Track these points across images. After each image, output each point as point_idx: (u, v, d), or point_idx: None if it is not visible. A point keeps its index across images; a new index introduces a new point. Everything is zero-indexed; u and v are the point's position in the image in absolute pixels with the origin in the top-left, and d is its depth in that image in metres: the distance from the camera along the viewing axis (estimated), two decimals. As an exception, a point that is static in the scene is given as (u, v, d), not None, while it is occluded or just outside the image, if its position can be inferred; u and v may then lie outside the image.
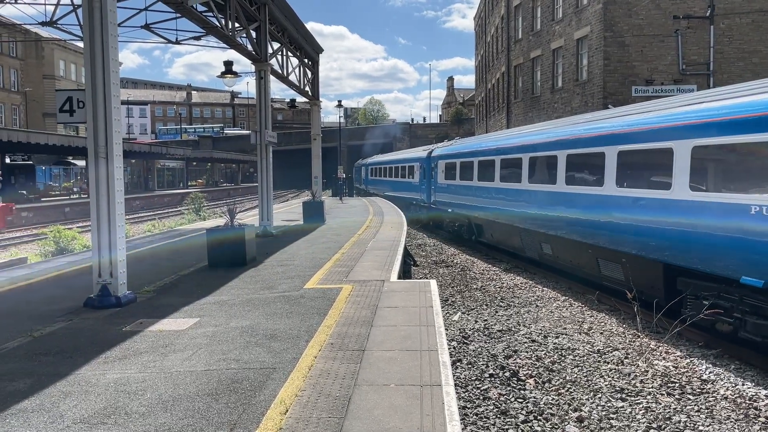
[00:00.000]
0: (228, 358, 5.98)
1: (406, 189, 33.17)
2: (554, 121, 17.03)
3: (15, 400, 4.98)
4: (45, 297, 9.38)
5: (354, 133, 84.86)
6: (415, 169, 30.42)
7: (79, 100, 8.62)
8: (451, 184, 22.98)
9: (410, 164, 32.04)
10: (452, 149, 23.94)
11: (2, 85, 60.16)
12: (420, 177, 29.19)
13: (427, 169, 27.53)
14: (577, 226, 12.85)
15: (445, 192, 23.95)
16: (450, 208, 23.10)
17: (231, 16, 14.98)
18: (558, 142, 13.99)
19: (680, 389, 7.64)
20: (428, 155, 27.76)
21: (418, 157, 30.00)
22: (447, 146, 25.63)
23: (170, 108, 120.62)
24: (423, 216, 29.17)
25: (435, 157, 26.16)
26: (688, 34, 26.03)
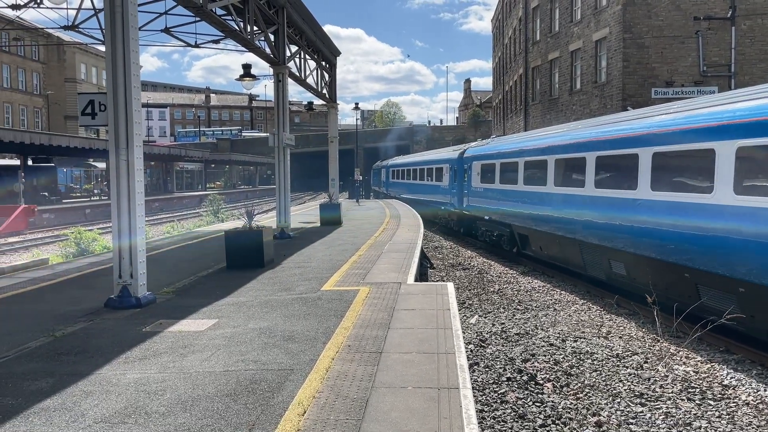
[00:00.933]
0: (246, 359, 6.02)
1: (433, 193, 30.53)
2: (628, 112, 13.81)
3: (37, 399, 5.06)
4: (66, 297, 9.51)
5: (370, 136, 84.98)
6: (444, 171, 27.83)
7: (101, 103, 8.74)
8: (488, 188, 20.51)
9: (438, 166, 29.37)
10: (490, 148, 21.24)
11: (25, 89, 61.09)
12: (450, 180, 26.65)
13: (458, 171, 25.06)
14: (668, 242, 10.27)
15: (480, 197, 21.55)
16: (487, 216, 20.77)
17: (249, 19, 15.09)
18: (638, 139, 11.38)
19: (701, 394, 7.54)
20: (460, 156, 25.17)
21: (448, 158, 27.45)
22: (483, 145, 22.96)
23: (189, 111, 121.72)
24: (453, 223, 26.97)
25: (469, 158, 23.55)
26: (708, 35, 25.72)
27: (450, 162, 26.85)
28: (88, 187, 57.53)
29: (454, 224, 26.72)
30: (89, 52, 68.38)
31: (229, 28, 14.30)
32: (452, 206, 26.16)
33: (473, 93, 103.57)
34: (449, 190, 26.72)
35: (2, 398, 5.08)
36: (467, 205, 23.49)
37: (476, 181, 21.97)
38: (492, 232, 20.82)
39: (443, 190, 27.97)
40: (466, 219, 24.35)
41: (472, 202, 22.60)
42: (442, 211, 28.58)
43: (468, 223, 24.31)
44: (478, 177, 21.65)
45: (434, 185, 30.04)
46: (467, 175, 23.38)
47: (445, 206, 27.77)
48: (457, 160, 25.46)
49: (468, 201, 23.28)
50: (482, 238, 22.35)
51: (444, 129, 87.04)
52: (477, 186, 21.92)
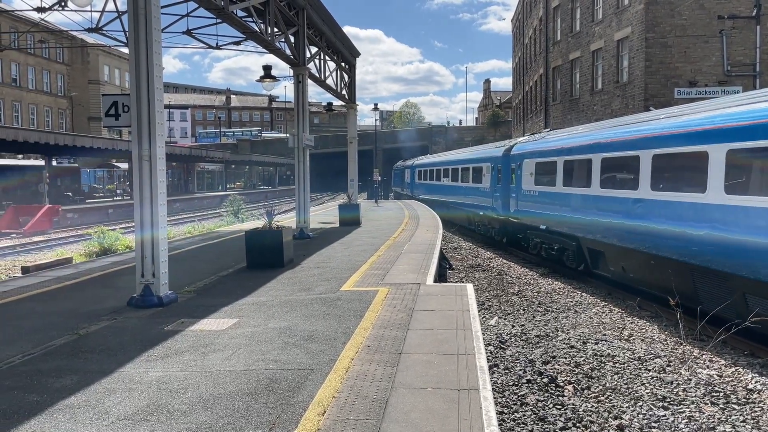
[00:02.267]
0: (266, 358, 6.06)
1: (469, 196, 26.98)
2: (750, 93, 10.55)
3: (62, 396, 5.13)
4: (90, 296, 9.64)
5: (389, 136, 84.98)
6: (484, 171, 24.39)
7: (125, 105, 8.84)
8: (547, 192, 17.05)
9: (476, 165, 25.83)
10: (548, 143, 17.91)
11: (50, 90, 62.08)
12: (492, 181, 23.22)
13: (504, 171, 21.72)
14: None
15: (534, 202, 18.10)
16: (543, 224, 17.40)
17: (270, 21, 15.18)
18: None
19: (725, 398, 7.43)
20: (505, 153, 21.85)
21: (490, 156, 24.01)
22: (537, 140, 19.50)
23: (210, 112, 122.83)
24: (494, 231, 23.56)
25: (518, 156, 20.21)
26: (733, 34, 25.34)
27: (492, 160, 23.35)
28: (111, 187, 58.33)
29: (495, 233, 23.32)
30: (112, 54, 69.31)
31: (250, 30, 14.39)
32: (494, 211, 22.71)
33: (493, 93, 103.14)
34: (490, 192, 23.35)
35: (28, 395, 5.16)
36: (515, 211, 20.02)
37: (528, 182, 18.61)
38: (550, 245, 17.26)
39: (482, 193, 24.54)
40: (512, 227, 20.92)
41: (523, 208, 19.12)
42: (479, 216, 25.35)
43: (514, 231, 20.89)
44: (532, 178, 18.31)
45: (470, 187, 26.59)
46: (515, 176, 20.11)
47: (484, 211, 24.32)
48: (501, 159, 22.09)
49: (516, 206, 19.84)
50: (534, 250, 18.99)
51: (463, 129, 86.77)
52: (529, 189, 18.50)
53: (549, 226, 16.97)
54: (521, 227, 19.94)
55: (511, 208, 20.48)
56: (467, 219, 27.99)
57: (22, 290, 10.22)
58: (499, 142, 26.30)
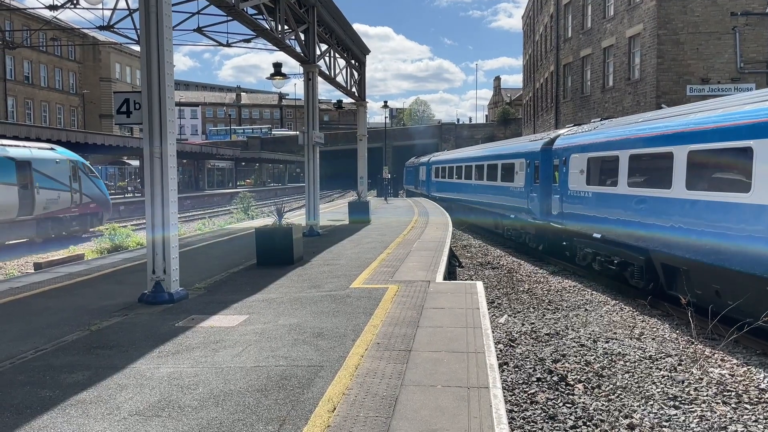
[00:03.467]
0: (276, 355, 6.07)
1: (498, 196, 23.43)
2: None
3: (74, 391, 5.17)
4: (101, 292, 9.71)
5: (399, 134, 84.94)
6: (518, 168, 21.09)
7: (136, 102, 8.89)
8: (604, 194, 14.12)
9: (508, 161, 22.43)
10: (607, 133, 14.46)
11: (62, 88, 62.50)
12: (527, 180, 20.02)
13: (543, 169, 18.82)
14: None
15: (586, 205, 15.14)
16: (598, 233, 14.44)
17: (280, 18, 15.20)
18: None
19: (737, 398, 7.38)
20: (545, 147, 18.83)
21: (525, 151, 20.62)
22: (590, 131, 16.02)
23: (220, 109, 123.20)
24: (529, 237, 20.42)
25: (562, 150, 17.08)
26: (746, 31, 25.12)
27: (527, 156, 20.13)
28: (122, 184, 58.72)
29: (529, 239, 20.37)
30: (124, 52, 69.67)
31: (260, 27, 14.43)
32: (529, 215, 19.64)
33: (503, 90, 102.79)
34: (524, 193, 20.14)
35: (41, 390, 5.21)
36: (558, 215, 17.05)
37: (577, 181, 15.64)
38: (607, 257, 14.33)
39: (514, 194, 21.22)
40: (553, 234, 18.11)
41: (570, 211, 16.16)
42: (509, 220, 22.19)
43: (555, 239, 18.07)
44: (582, 176, 15.33)
45: (499, 187, 23.19)
46: (558, 174, 17.15)
47: (516, 214, 21.14)
48: (539, 154, 18.99)
49: (560, 209, 16.84)
50: (583, 262, 15.99)
51: (473, 127, 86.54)
52: (579, 189, 15.53)
53: (606, 234, 13.95)
54: (566, 235, 16.80)
55: (553, 212, 17.49)
56: (494, 223, 24.77)
57: (35, 286, 10.31)
58: (535, 135, 22.75)
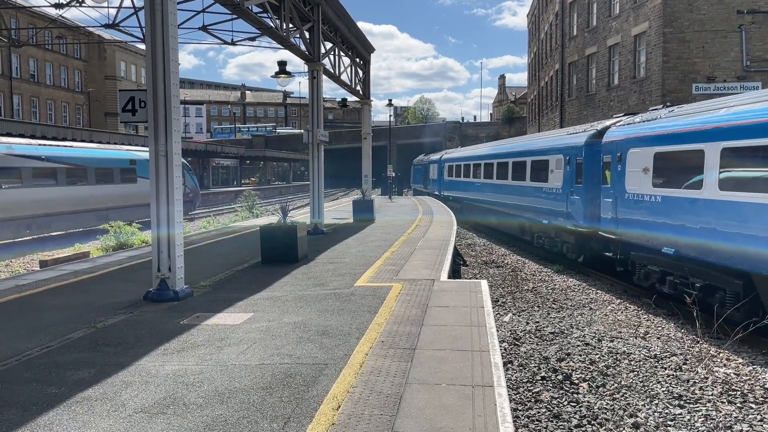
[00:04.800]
0: (281, 353, 6.08)
1: (526, 197, 20.34)
2: None
3: (79, 388, 5.19)
4: (107, 290, 9.74)
5: (403, 132, 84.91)
6: (553, 165, 18.17)
7: (141, 100, 8.90)
8: (680, 198, 11.27)
9: (540, 158, 19.46)
10: (684, 122, 11.54)
11: (67, 86, 62.67)
12: (566, 179, 17.06)
13: (588, 166, 15.84)
14: None
15: (652, 211, 12.25)
16: (670, 247, 11.50)
17: (285, 17, 15.20)
18: None
19: (742, 397, 7.36)
20: (591, 141, 15.87)
21: (563, 146, 17.61)
22: (656, 119, 12.86)
23: (225, 108, 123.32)
24: (567, 246, 17.66)
25: (617, 143, 14.09)
26: (752, 29, 25.01)
27: (566, 151, 17.27)
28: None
29: (568, 248, 17.65)
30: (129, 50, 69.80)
31: (265, 26, 14.43)
32: (569, 220, 16.81)
33: (508, 89, 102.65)
34: (562, 195, 17.31)
35: (46, 387, 5.23)
36: (611, 221, 14.13)
37: (639, 181, 12.84)
38: (684, 278, 11.51)
39: (548, 195, 18.38)
40: (600, 244, 15.34)
41: (627, 216, 13.37)
42: (540, 226, 19.41)
43: (601, 249, 15.37)
44: (646, 175, 12.55)
45: (528, 187, 20.28)
46: (612, 173, 14.28)
47: (550, 219, 18.25)
48: (583, 148, 16.12)
49: (614, 214, 13.95)
50: (645, 282, 13.06)
51: (478, 125, 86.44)
52: (641, 191, 12.75)
53: (682, 250, 11.19)
54: (619, 246, 14.09)
55: (603, 217, 14.62)
56: (520, 228, 21.84)
57: (41, 284, 10.35)
58: (574, 127, 19.44)
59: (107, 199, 27.04)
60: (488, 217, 26.26)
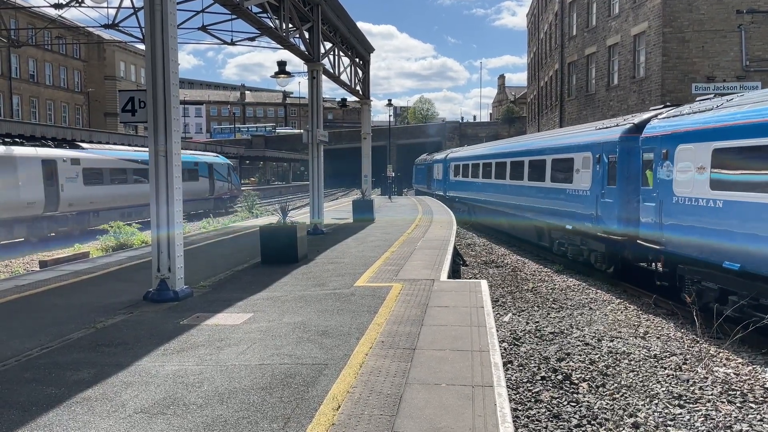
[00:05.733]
0: (281, 353, 6.08)
1: (546, 199, 18.32)
2: None
3: (79, 389, 5.19)
4: (107, 290, 9.74)
5: (403, 132, 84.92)
6: (579, 164, 16.16)
7: (141, 100, 8.91)
8: (751, 203, 9.48)
9: (563, 156, 17.51)
10: (753, 113, 9.70)
11: (66, 86, 62.64)
12: (596, 179, 15.08)
13: (622, 164, 13.92)
14: None
15: (710, 217, 10.43)
16: (734, 261, 9.74)
17: (285, 17, 15.20)
18: None
19: (742, 397, 7.36)
20: (627, 136, 13.94)
21: (593, 142, 15.51)
22: (710, 110, 11.05)
23: (224, 108, 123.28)
24: (596, 256, 15.59)
25: (662, 139, 12.21)
26: (752, 29, 25.01)
27: (596, 148, 15.20)
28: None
29: (596, 257, 15.62)
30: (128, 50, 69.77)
31: (264, 26, 14.43)
32: (599, 225, 14.71)
33: (507, 89, 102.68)
34: (590, 197, 15.26)
35: (46, 388, 5.23)
36: (653, 226, 12.27)
37: (691, 182, 10.93)
38: (756, 301, 9.54)
39: (574, 197, 16.34)
40: (639, 253, 13.64)
41: (675, 222, 11.48)
42: (563, 231, 17.32)
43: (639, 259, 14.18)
44: (702, 175, 10.62)
45: (548, 188, 18.33)
46: (655, 172, 12.33)
47: (575, 223, 16.19)
48: (618, 144, 14.12)
49: (658, 219, 12.02)
50: (699, 301, 10.60)
51: (477, 125, 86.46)
52: (694, 194, 10.84)
53: (752, 265, 9.33)
54: (666, 256, 12.23)
55: (644, 222, 12.74)
56: (536, 232, 19.97)
57: (40, 284, 10.35)
58: (603, 122, 17.10)
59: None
60: (499, 220, 24.70)
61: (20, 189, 22.04)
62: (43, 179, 23.18)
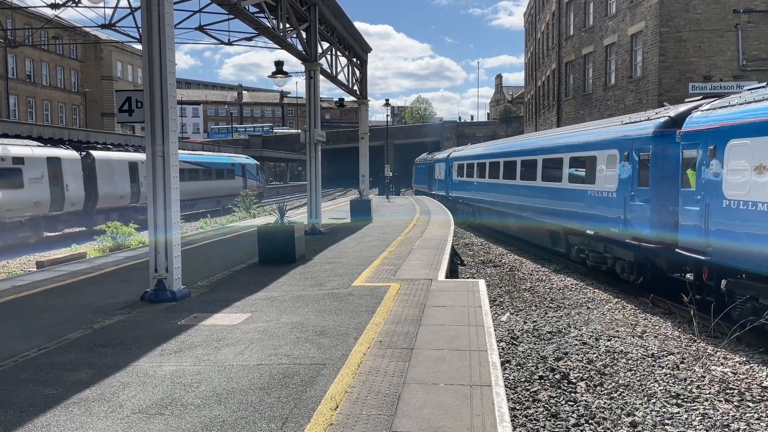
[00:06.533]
0: (279, 353, 6.08)
1: (563, 201, 16.78)
2: None
3: (77, 389, 5.18)
4: (104, 290, 9.72)
5: (400, 132, 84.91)
6: (602, 163, 14.61)
7: (138, 101, 8.89)
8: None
9: (583, 154, 15.86)
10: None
11: (63, 86, 62.52)
12: (623, 180, 13.51)
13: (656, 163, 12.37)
14: None
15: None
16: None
17: (282, 16, 15.19)
18: None
19: (739, 396, 7.38)
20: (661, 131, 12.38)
21: (620, 138, 13.92)
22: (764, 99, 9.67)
23: (222, 108, 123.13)
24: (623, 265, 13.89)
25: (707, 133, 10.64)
26: (748, 28, 25.06)
27: (623, 145, 13.66)
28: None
29: (623, 266, 13.88)
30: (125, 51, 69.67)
31: (262, 26, 14.42)
32: (628, 230, 13.14)
33: (505, 89, 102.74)
34: (617, 199, 13.70)
35: (44, 388, 5.22)
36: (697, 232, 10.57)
37: (746, 185, 9.55)
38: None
39: (596, 200, 14.74)
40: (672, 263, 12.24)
41: (725, 228, 9.96)
42: (585, 236, 15.52)
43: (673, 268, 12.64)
44: (761, 176, 9.25)
45: (567, 189, 16.69)
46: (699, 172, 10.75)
47: (597, 228, 14.57)
48: (652, 140, 12.55)
49: (704, 224, 10.37)
50: (755, 319, 9.22)
51: (474, 125, 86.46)
52: (749, 197, 9.44)
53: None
54: (711, 267, 10.59)
55: (684, 226, 11.10)
56: (551, 237, 18.41)
57: (38, 284, 10.33)
58: (629, 116, 15.27)
59: (220, 190, 39.48)
60: (506, 222, 23.06)
61: (116, 186, 27.95)
62: (129, 177, 29.23)
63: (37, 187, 22.21)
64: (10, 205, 21.08)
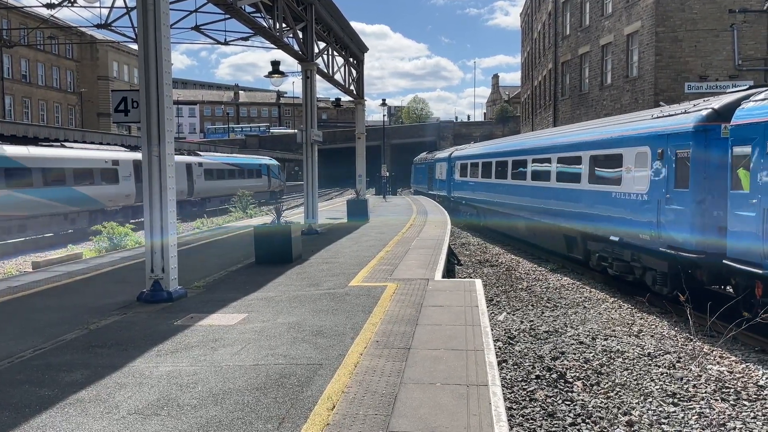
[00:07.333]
0: (276, 353, 6.07)
1: (580, 203, 15.34)
2: None
3: (72, 390, 5.16)
4: (100, 291, 9.70)
5: (397, 132, 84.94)
6: (630, 161, 13.12)
7: (134, 101, 8.88)
8: None
9: (608, 152, 14.33)
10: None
11: (59, 86, 62.37)
12: (655, 180, 12.13)
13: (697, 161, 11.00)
14: None
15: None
16: None
17: (278, 16, 15.17)
18: None
19: (735, 395, 7.40)
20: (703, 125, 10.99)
21: (652, 133, 12.51)
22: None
23: (218, 108, 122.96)
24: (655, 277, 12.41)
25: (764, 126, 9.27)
26: (744, 28, 25.11)
27: (656, 141, 12.27)
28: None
29: (654, 278, 12.44)
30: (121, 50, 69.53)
31: (258, 26, 14.40)
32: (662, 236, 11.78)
33: (501, 89, 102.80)
34: (648, 201, 12.31)
35: (39, 389, 5.20)
36: (754, 239, 9.26)
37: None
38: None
39: (623, 202, 13.23)
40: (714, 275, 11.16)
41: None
42: (607, 243, 14.10)
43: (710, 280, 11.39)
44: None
45: (587, 191, 15.09)
46: (751, 171, 9.49)
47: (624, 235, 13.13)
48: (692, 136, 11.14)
49: (762, 232, 9.11)
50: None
51: (471, 125, 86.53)
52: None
53: None
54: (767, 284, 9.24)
55: (734, 232, 9.87)
56: (566, 243, 16.91)
57: (33, 285, 10.30)
58: (661, 109, 13.66)
59: (251, 188, 41.47)
60: (515, 224, 21.48)
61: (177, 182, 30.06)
62: (186, 176, 35.55)
63: (127, 184, 29.13)
64: (111, 197, 28.06)
